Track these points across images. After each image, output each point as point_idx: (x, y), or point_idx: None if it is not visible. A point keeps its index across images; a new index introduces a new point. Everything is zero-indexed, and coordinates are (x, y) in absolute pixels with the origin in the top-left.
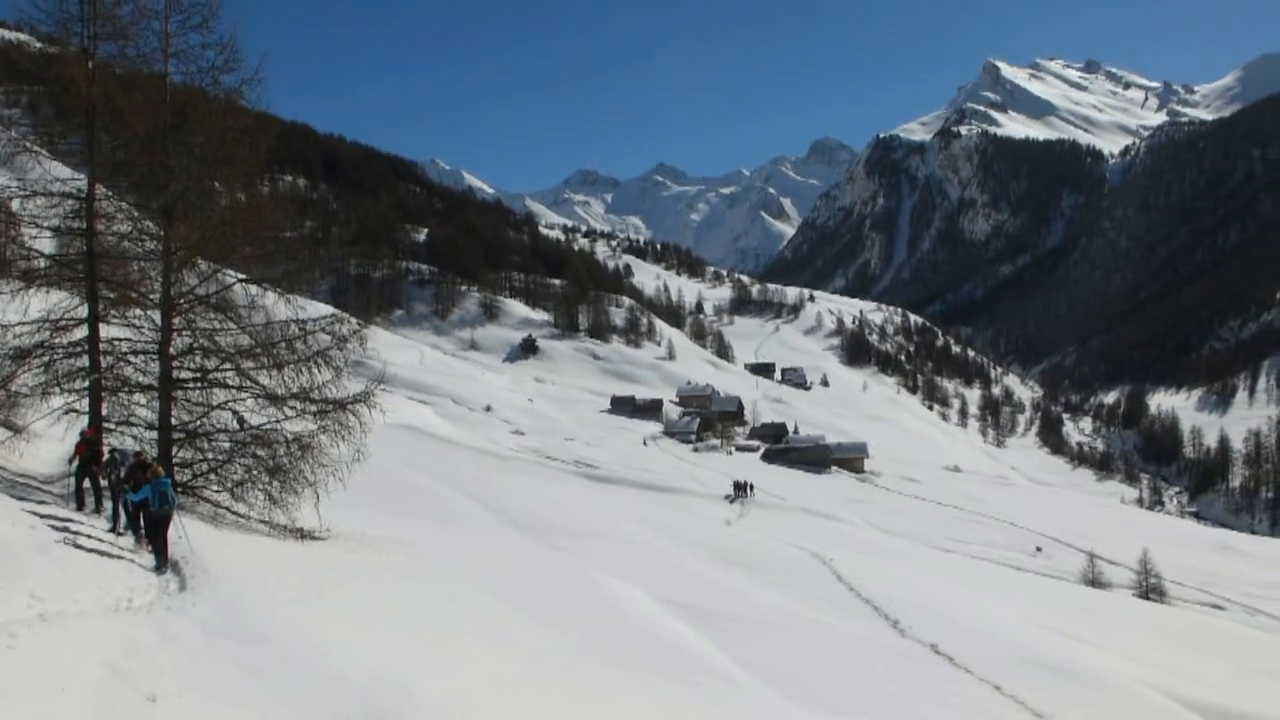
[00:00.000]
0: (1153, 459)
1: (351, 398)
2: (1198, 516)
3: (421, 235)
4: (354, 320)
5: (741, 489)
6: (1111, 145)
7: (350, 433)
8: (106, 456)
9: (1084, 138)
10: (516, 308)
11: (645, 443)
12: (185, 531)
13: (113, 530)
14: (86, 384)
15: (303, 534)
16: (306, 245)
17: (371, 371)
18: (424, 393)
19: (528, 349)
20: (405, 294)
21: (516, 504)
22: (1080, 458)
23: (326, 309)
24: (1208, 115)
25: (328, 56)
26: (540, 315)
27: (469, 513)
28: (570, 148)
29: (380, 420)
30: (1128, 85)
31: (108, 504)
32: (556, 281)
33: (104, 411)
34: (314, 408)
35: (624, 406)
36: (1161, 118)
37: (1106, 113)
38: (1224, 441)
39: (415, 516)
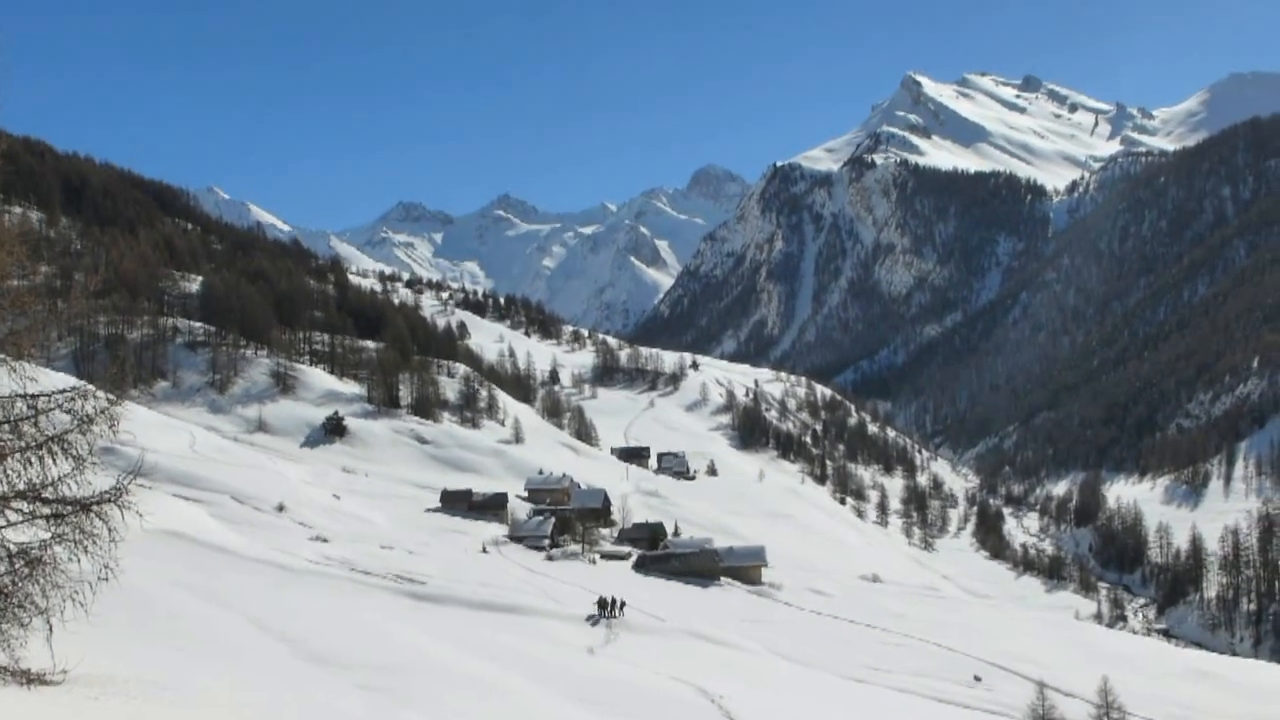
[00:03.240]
0: (1113, 563)
1: (97, 497)
2: (1167, 634)
3: (194, 284)
4: (102, 395)
5: (608, 607)
6: (1056, 179)
7: (96, 543)
8: None
9: (1023, 170)
10: (319, 378)
11: (485, 550)
12: None
13: None
14: None
15: (29, 678)
16: (40, 296)
17: (126, 461)
18: (196, 488)
19: (333, 430)
20: (172, 360)
21: (317, 632)
22: (1025, 563)
23: (66, 380)
24: (1169, 144)
25: (71, 57)
26: (350, 387)
27: (254, 644)
28: (389, 174)
29: (137, 526)
30: (1074, 107)
31: None
32: (371, 344)
33: None
34: (47, 510)
35: (458, 503)
36: (1115, 147)
37: (1049, 139)
38: (1196, 541)
39: (182, 651)
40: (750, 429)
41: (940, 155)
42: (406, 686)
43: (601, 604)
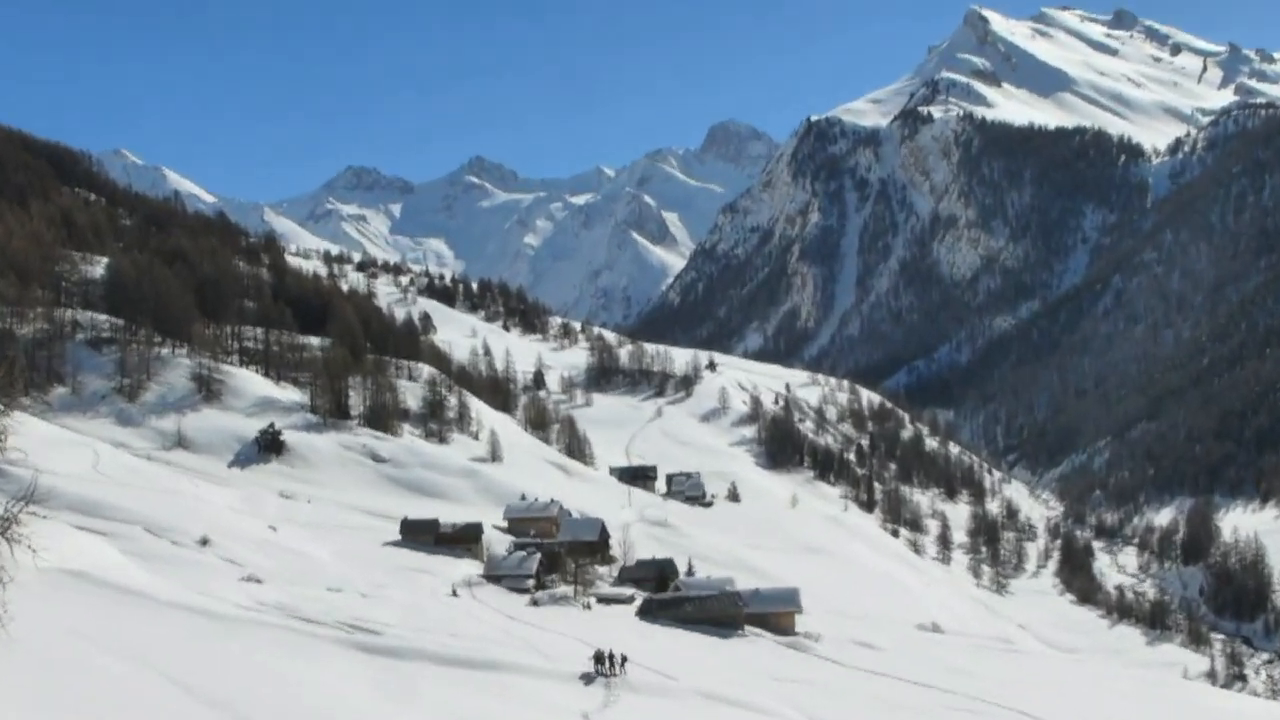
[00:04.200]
0: (1228, 610)
1: None
2: None
3: (98, 268)
4: None
5: (607, 663)
6: (1155, 136)
7: None
8: None
9: (1115, 125)
10: (251, 382)
11: (455, 593)
12: None
13: None
14: None
15: None
16: None
17: (15, 485)
18: (101, 518)
19: (269, 447)
20: (72, 361)
21: (250, 694)
22: (1121, 609)
23: None
24: None
25: None
26: (289, 394)
27: (175, 709)
28: (335, 133)
29: (29, 563)
30: (1177, 49)
31: None
32: (315, 341)
33: None
34: None
35: (421, 536)
36: (1228, 97)
37: (1147, 88)
38: None
39: (86, 717)
40: (780, 444)
41: (1012, 107)
42: None
43: (599, 659)
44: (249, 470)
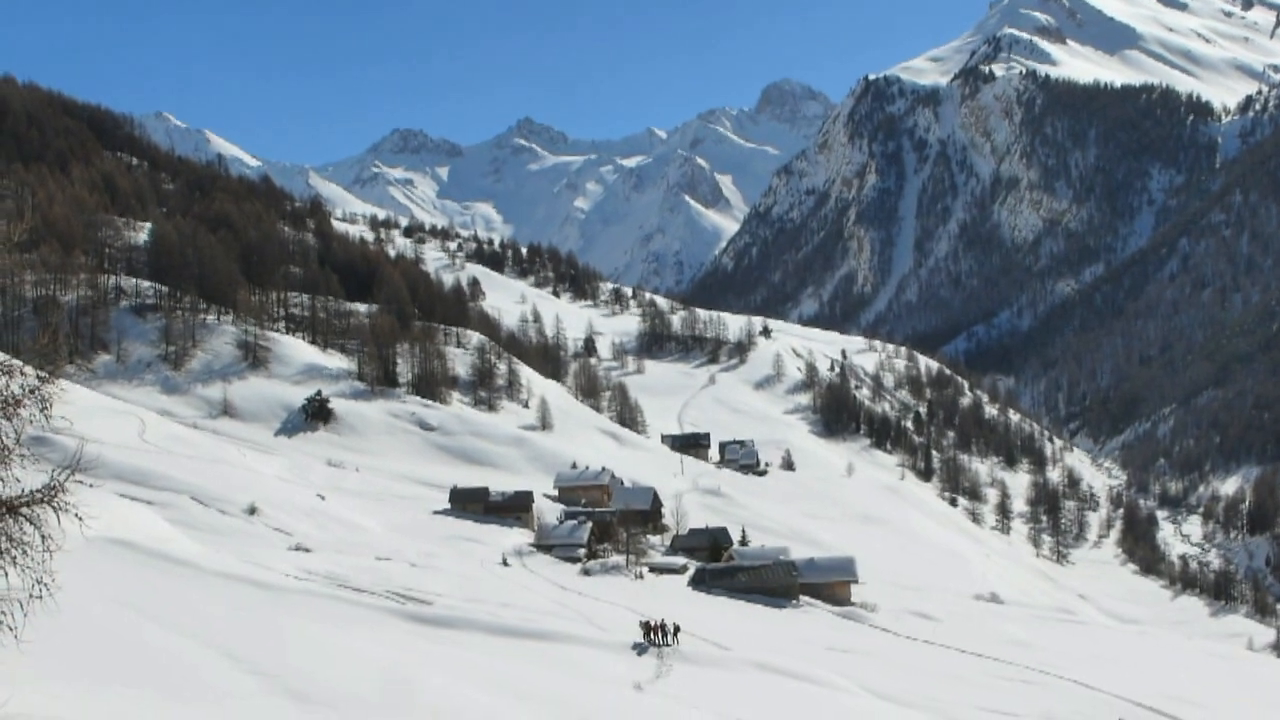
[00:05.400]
0: None
1: (27, 497)
2: None
3: (141, 234)
4: (30, 371)
5: (659, 633)
6: (1225, 94)
7: (26, 553)
8: None
9: (1183, 83)
10: (297, 349)
11: (505, 562)
12: None
13: None
14: None
15: None
16: None
17: (61, 454)
18: (148, 487)
19: (316, 415)
20: (116, 328)
21: (298, 664)
22: (1185, 580)
23: None
24: None
25: None
26: (336, 361)
27: (221, 679)
28: (381, 94)
29: (76, 532)
30: (1249, 3)
31: None
32: (362, 307)
33: None
34: None
35: (471, 505)
36: None
37: (1217, 44)
38: None
39: (134, 687)
40: (836, 412)
41: (1077, 65)
42: None
43: (650, 629)
44: (296, 438)
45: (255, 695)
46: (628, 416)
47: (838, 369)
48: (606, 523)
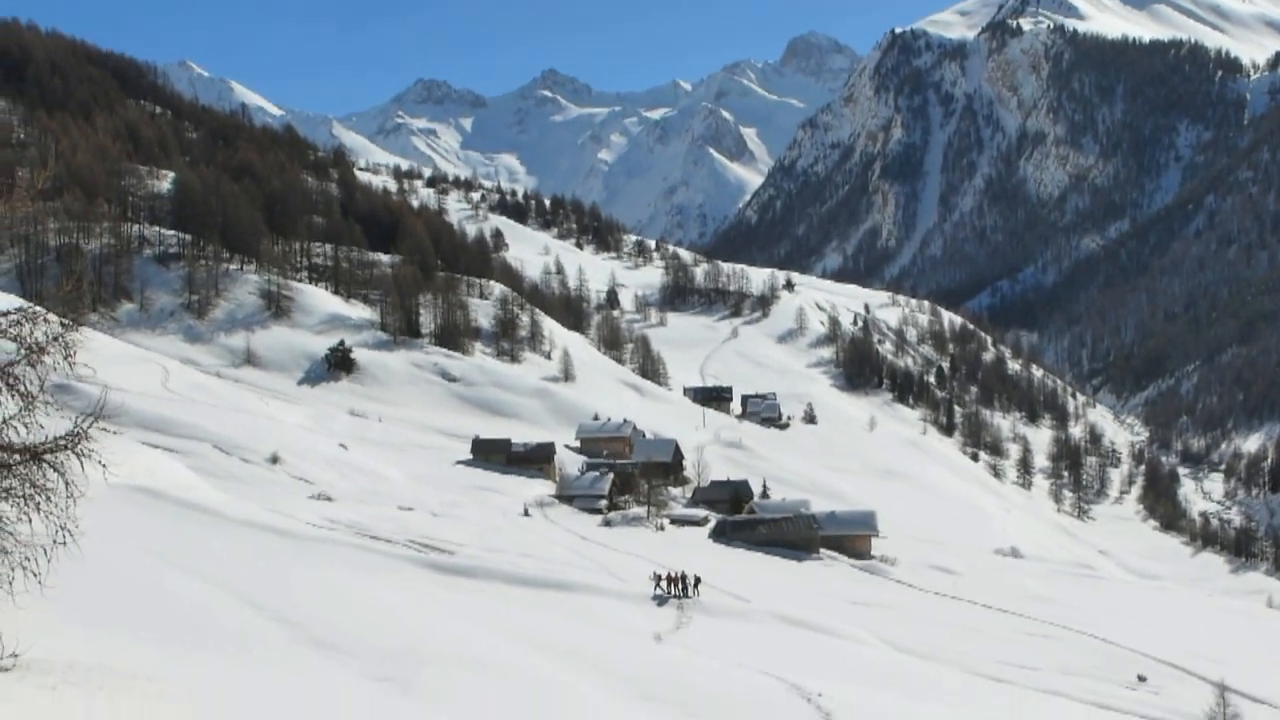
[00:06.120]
0: None
1: (51, 443)
2: None
3: (164, 182)
4: (54, 318)
5: (679, 585)
6: (1254, 50)
7: (50, 499)
8: None
9: (1212, 38)
10: (320, 299)
11: (527, 512)
12: None
13: None
14: None
15: None
16: None
17: (84, 401)
18: (171, 435)
19: (338, 365)
20: (140, 277)
21: (320, 612)
22: (1205, 536)
23: (9, 300)
24: None
25: None
26: (358, 311)
27: (244, 626)
28: (405, 44)
29: (100, 479)
30: None
31: None
32: (385, 258)
33: None
34: None
35: (493, 455)
36: None
37: (1248, 0)
38: None
39: (157, 633)
40: (859, 366)
41: (1106, 20)
42: (430, 679)
43: (671, 580)
44: (319, 388)
45: (278, 643)
46: (650, 369)
47: (861, 323)
48: (628, 474)
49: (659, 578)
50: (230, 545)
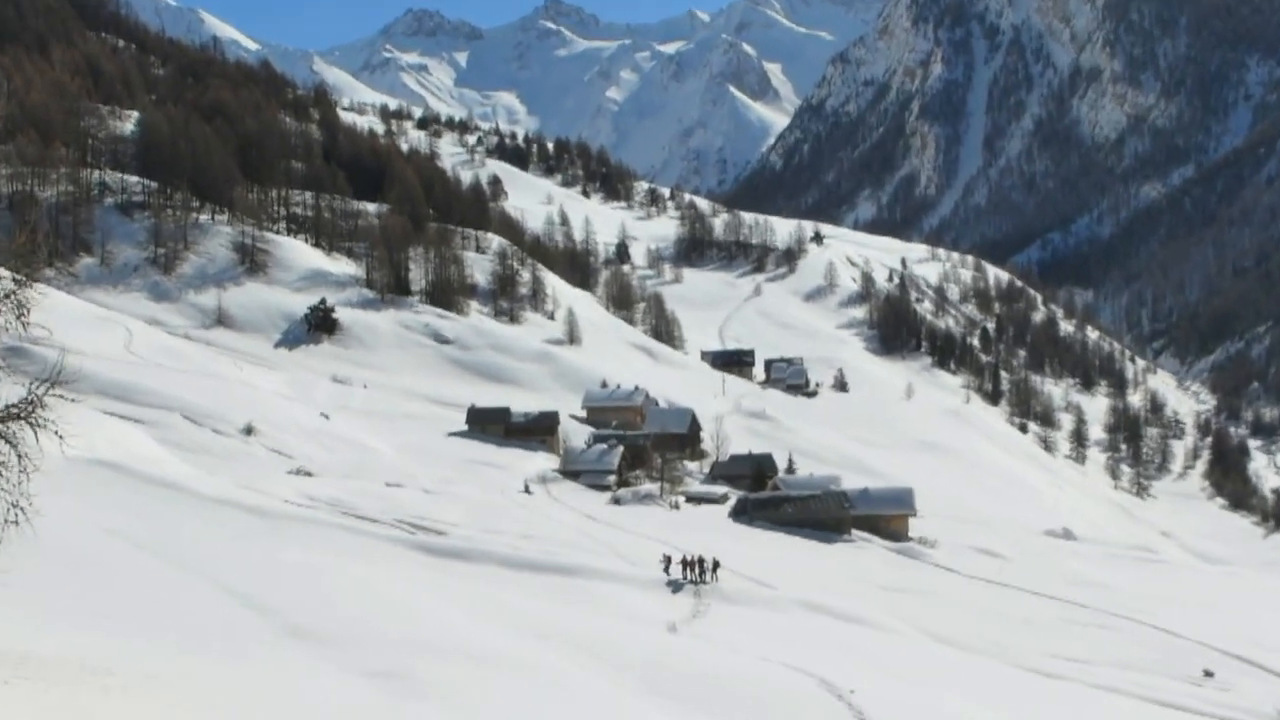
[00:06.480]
0: None
1: (3, 411)
2: None
3: (128, 124)
4: (6, 274)
5: (696, 569)
6: None
7: (1, 474)
8: None
9: None
10: (299, 253)
11: (528, 489)
12: None
13: None
14: None
15: None
16: None
17: (40, 366)
18: (135, 403)
19: (320, 325)
20: (101, 228)
21: (301, 599)
22: (1279, 516)
23: None
24: None
25: None
26: (342, 267)
27: (217, 614)
28: None
29: (56, 452)
30: None
31: None
32: (371, 207)
33: None
34: None
35: (490, 426)
36: None
37: None
38: None
39: (119, 623)
40: (895, 327)
41: None
42: (422, 673)
43: (687, 564)
44: (298, 351)
45: (255, 633)
46: (664, 330)
47: (897, 280)
48: (639, 447)
49: (668, 559)
50: (201, 525)
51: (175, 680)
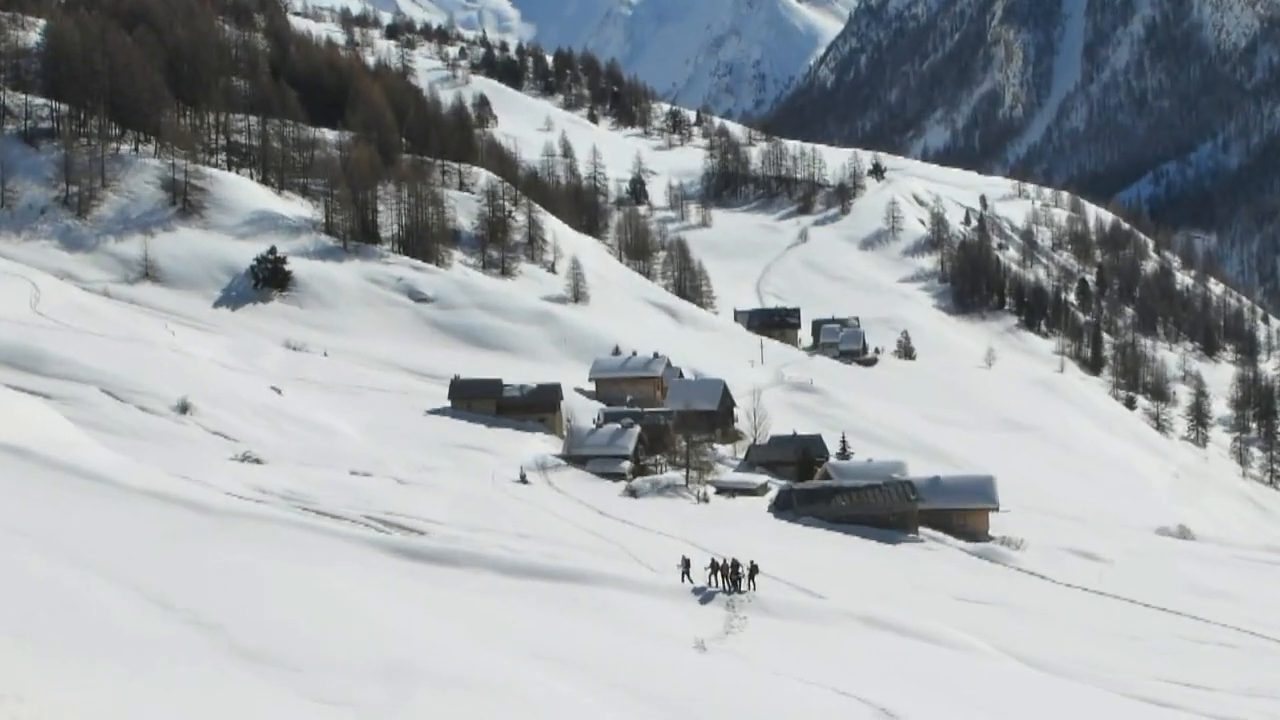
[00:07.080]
0: None
1: None
2: None
3: (32, 34)
4: None
5: (729, 574)
6: None
7: None
8: None
9: None
10: (243, 191)
11: (524, 478)
12: None
13: None
14: None
15: None
16: None
17: None
18: (43, 374)
19: (270, 280)
20: (1, 161)
21: (247, 614)
22: None
23: None
24: None
25: None
26: (295, 208)
27: (150, 631)
28: None
29: None
30: None
31: None
32: (330, 135)
33: None
34: None
35: (479, 402)
36: None
37: None
38: None
39: (29, 640)
40: (972, 280)
41: None
42: (400, 701)
43: (717, 569)
44: (242, 311)
45: (193, 653)
46: (689, 285)
47: (975, 222)
48: (660, 427)
49: (687, 563)
50: (127, 523)
51: (98, 708)
